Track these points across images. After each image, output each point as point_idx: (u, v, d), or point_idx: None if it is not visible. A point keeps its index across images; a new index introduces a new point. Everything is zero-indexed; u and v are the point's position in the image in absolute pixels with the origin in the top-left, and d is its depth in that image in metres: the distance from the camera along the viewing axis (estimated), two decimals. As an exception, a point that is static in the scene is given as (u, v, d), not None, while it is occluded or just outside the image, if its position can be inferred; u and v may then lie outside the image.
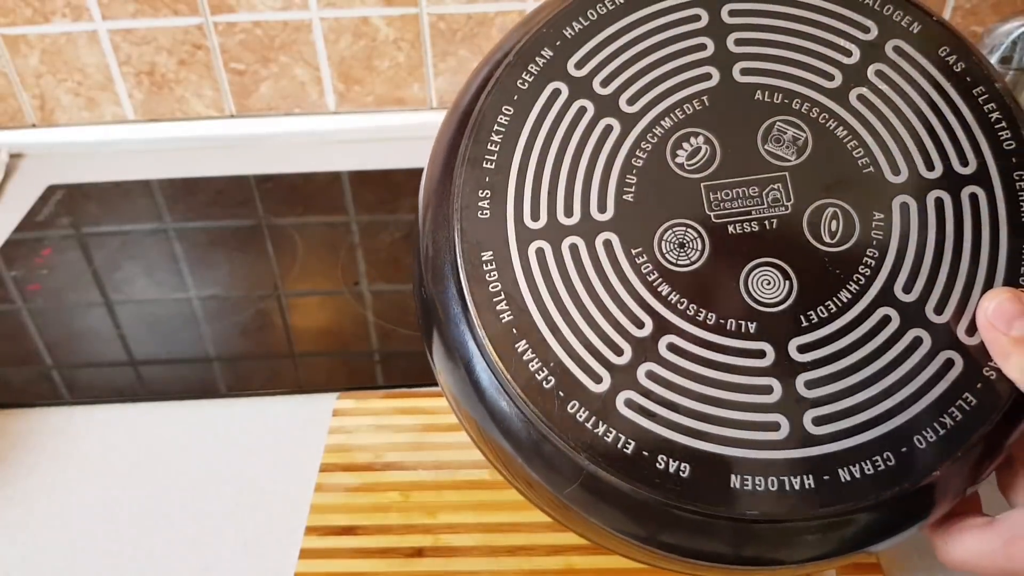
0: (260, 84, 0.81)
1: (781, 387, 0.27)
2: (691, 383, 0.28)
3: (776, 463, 0.27)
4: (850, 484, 0.27)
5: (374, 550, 0.43)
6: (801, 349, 0.28)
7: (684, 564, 0.29)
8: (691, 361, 0.28)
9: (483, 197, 0.30)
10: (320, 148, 0.66)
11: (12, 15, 0.76)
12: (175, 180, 0.77)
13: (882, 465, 0.27)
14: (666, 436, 0.27)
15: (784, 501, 0.27)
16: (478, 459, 0.47)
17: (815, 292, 0.28)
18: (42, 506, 0.47)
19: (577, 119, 0.30)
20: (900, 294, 0.28)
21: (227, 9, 0.76)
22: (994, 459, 0.29)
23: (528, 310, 0.28)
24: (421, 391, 0.52)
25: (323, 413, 0.51)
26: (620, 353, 0.28)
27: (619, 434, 0.27)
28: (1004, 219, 0.29)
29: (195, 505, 0.46)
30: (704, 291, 0.29)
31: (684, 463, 0.27)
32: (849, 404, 0.27)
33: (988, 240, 0.29)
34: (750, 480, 0.27)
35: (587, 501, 0.28)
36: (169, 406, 0.53)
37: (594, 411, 0.28)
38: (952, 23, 0.33)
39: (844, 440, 0.27)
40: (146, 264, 0.65)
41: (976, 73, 0.30)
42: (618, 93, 0.31)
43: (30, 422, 0.52)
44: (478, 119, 0.30)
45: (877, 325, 0.28)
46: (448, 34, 0.78)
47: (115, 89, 0.81)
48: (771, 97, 0.30)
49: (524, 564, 0.42)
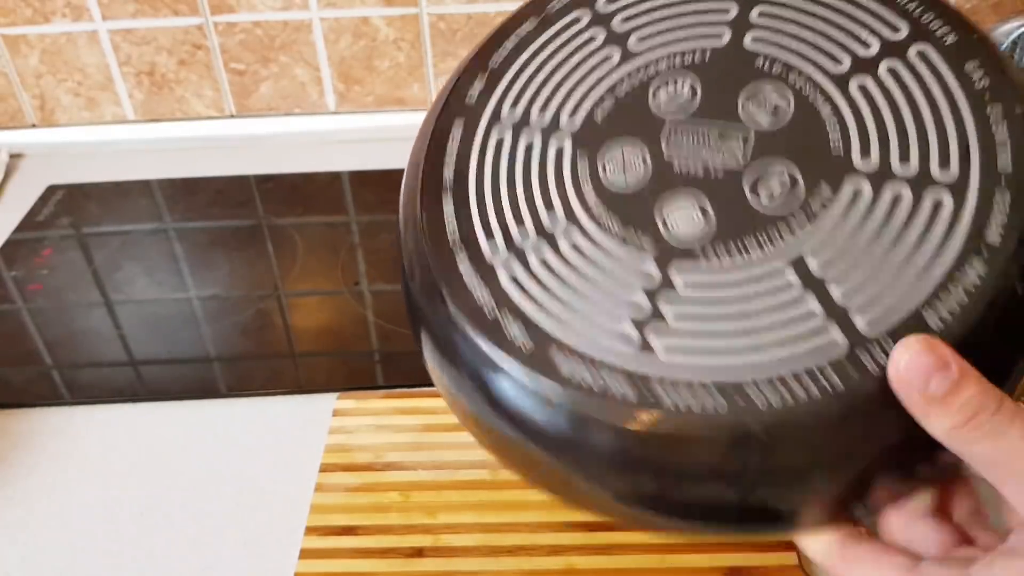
0: (260, 84, 0.81)
1: (649, 305, 0.27)
2: (569, 277, 0.28)
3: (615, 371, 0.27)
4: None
5: (374, 550, 0.43)
6: (683, 275, 0.28)
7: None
8: (574, 257, 0.29)
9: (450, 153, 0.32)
10: (320, 148, 0.66)
11: (12, 15, 0.76)
12: (175, 180, 0.77)
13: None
14: (529, 313, 0.28)
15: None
16: (478, 459, 0.47)
17: (726, 239, 0.28)
18: (42, 506, 0.47)
19: (584, 45, 0.33)
20: (811, 267, 0.27)
21: (227, 9, 0.76)
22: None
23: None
24: (421, 391, 0.52)
25: (323, 413, 0.51)
26: (525, 237, 0.29)
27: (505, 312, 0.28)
28: (961, 234, 0.26)
29: (195, 505, 0.46)
30: (625, 209, 0.29)
31: (526, 339, 0.27)
32: (705, 346, 0.27)
33: (932, 248, 0.26)
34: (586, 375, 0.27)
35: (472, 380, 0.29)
36: (169, 406, 0.53)
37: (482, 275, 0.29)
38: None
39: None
40: (146, 264, 0.66)
41: (999, 92, 0.28)
42: (631, 31, 0.32)
43: (30, 422, 0.52)
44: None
45: (773, 288, 0.27)
46: (448, 34, 0.78)
47: (115, 89, 0.81)
48: (770, 67, 0.30)
49: (524, 564, 0.42)
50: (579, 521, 0.44)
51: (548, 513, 0.44)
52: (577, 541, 0.43)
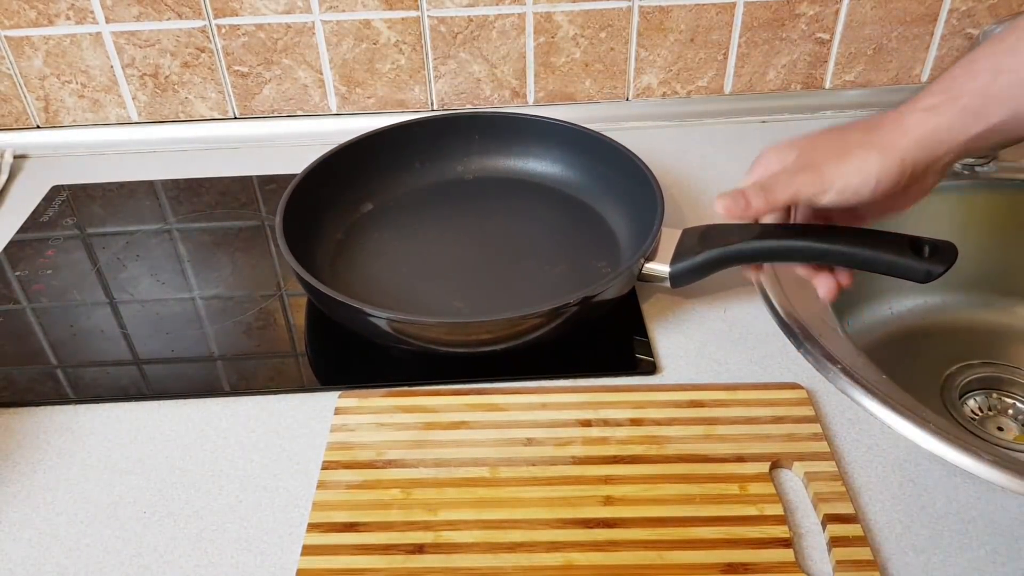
0: (263, 86, 0.81)
1: None
2: None
3: None
4: None
5: (375, 546, 0.43)
6: None
7: None
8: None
9: None
10: (322, 149, 0.67)
11: (16, 17, 0.76)
12: (179, 181, 0.77)
13: None
14: None
15: None
16: (479, 457, 0.48)
17: None
18: (47, 503, 0.47)
19: None
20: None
21: (230, 12, 0.77)
22: None
23: None
24: (422, 389, 0.53)
25: (325, 411, 0.52)
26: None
27: None
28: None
29: (198, 502, 0.47)
30: None
31: None
32: None
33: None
34: None
35: None
36: (173, 404, 0.53)
37: None
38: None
39: None
40: (150, 264, 0.66)
41: None
42: None
43: (36, 421, 0.52)
44: None
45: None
46: (449, 37, 0.79)
47: (119, 91, 0.81)
48: None
49: (523, 560, 0.42)
50: (578, 518, 0.44)
51: (547, 510, 0.45)
52: (576, 538, 0.43)
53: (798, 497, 0.46)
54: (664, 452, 0.48)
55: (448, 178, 0.72)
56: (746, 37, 0.80)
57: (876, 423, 0.49)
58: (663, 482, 0.46)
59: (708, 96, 0.84)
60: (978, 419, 0.67)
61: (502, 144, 0.72)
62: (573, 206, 0.69)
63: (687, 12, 0.78)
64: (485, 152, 0.73)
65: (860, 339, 0.71)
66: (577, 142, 0.70)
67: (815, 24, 0.80)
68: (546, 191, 0.71)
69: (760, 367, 0.54)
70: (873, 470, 0.47)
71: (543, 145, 0.72)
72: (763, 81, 0.83)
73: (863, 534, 0.43)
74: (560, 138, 0.71)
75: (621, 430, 0.49)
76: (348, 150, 0.68)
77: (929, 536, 0.44)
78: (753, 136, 0.81)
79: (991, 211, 0.72)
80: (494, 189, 0.71)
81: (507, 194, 0.71)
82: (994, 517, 0.44)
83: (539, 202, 0.70)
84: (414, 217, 0.69)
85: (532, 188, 0.71)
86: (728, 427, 0.49)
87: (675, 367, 0.55)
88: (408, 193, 0.71)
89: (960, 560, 0.42)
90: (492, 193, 0.71)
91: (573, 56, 0.81)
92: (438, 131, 0.72)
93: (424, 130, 0.71)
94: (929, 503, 0.45)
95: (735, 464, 0.47)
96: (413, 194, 0.71)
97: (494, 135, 0.72)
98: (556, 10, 0.78)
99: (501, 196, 0.71)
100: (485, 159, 0.73)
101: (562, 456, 0.48)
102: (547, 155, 0.72)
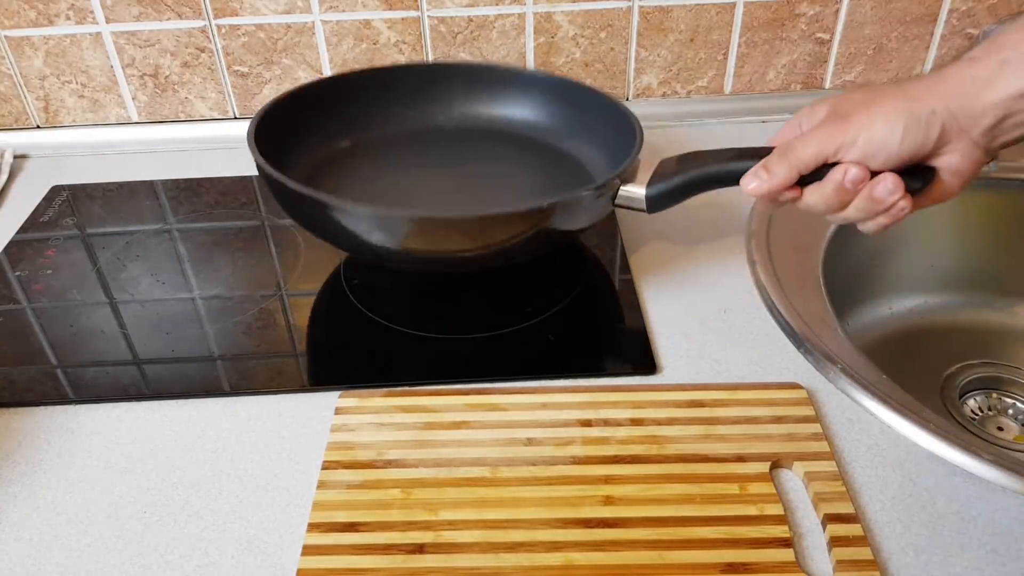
0: (263, 86, 0.81)
1: None
2: None
3: None
4: None
5: (376, 546, 0.43)
6: None
7: None
8: None
9: None
10: (322, 149, 0.67)
11: (16, 17, 0.76)
12: (179, 181, 0.77)
13: None
14: None
15: None
16: (479, 456, 0.48)
17: None
18: (47, 504, 0.47)
19: None
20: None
21: (230, 12, 0.77)
22: None
23: None
24: (423, 389, 0.53)
25: (326, 411, 0.52)
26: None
27: None
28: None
29: (199, 502, 0.47)
30: None
31: None
32: None
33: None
34: None
35: None
36: (173, 404, 0.53)
37: None
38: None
39: None
40: (150, 264, 0.66)
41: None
42: None
43: (36, 421, 0.52)
44: None
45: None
46: (448, 37, 0.79)
47: (119, 91, 0.81)
48: None
49: (524, 560, 0.42)
50: (578, 518, 0.44)
51: (548, 510, 0.45)
52: (576, 537, 0.43)
53: (798, 497, 0.46)
54: (664, 452, 0.48)
55: (428, 125, 0.72)
56: (746, 37, 0.80)
57: (876, 423, 0.49)
58: (663, 482, 0.46)
59: (708, 96, 0.84)
60: (978, 419, 0.67)
61: (485, 94, 0.73)
62: (553, 152, 0.70)
63: (687, 12, 0.78)
64: (467, 102, 0.73)
65: (860, 339, 0.71)
66: (560, 91, 0.71)
67: (815, 24, 0.80)
68: (528, 140, 0.71)
69: (760, 367, 0.54)
70: (873, 470, 0.47)
71: (526, 95, 0.72)
72: (763, 81, 0.83)
73: (863, 534, 0.43)
74: (543, 87, 0.71)
75: (621, 430, 0.49)
76: (332, 82, 0.69)
77: (929, 536, 0.44)
78: (753, 136, 0.81)
79: (991, 211, 0.72)
80: (475, 136, 0.72)
81: (488, 141, 0.71)
82: (994, 517, 0.44)
83: (521, 149, 0.71)
84: (391, 158, 0.69)
85: (514, 137, 0.72)
86: (728, 427, 0.49)
87: (675, 367, 0.55)
88: (387, 135, 0.71)
89: (960, 560, 0.42)
90: (473, 139, 0.72)
91: (573, 56, 0.81)
92: (422, 76, 0.72)
93: (409, 74, 0.72)
94: (929, 503, 0.45)
95: (735, 464, 0.47)
96: (392, 137, 0.71)
97: (478, 85, 0.73)
98: (556, 10, 0.78)
99: (482, 143, 0.71)
100: (467, 108, 0.73)
101: (562, 456, 0.48)
102: (529, 104, 0.72)
